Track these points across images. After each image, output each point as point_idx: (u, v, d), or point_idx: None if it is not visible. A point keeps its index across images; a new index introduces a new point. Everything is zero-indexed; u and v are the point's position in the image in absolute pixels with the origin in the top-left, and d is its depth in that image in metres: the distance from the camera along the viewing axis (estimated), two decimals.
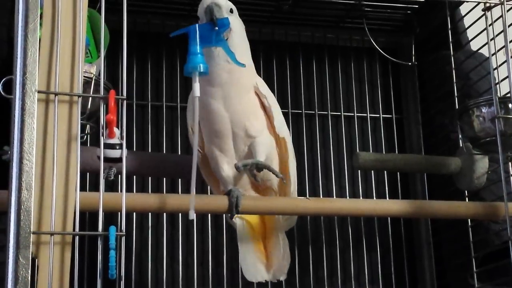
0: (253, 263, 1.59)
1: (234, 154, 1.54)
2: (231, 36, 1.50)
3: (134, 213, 1.88)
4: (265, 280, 1.61)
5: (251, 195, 1.58)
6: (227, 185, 1.54)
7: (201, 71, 1.29)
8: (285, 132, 1.58)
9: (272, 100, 1.56)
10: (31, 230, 1.08)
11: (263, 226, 1.63)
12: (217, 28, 1.37)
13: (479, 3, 1.74)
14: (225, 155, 1.55)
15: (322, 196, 2.01)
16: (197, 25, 1.34)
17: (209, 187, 1.77)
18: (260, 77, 1.60)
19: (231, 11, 1.53)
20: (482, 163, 1.83)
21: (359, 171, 2.06)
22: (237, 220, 1.60)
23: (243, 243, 1.61)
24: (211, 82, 1.49)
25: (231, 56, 1.41)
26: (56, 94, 1.18)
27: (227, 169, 1.55)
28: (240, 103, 1.52)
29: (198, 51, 1.31)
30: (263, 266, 1.59)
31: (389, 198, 2.06)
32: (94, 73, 1.55)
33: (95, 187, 1.84)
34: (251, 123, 1.53)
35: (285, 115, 1.80)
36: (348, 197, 2.03)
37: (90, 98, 1.49)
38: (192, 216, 1.32)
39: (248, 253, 1.60)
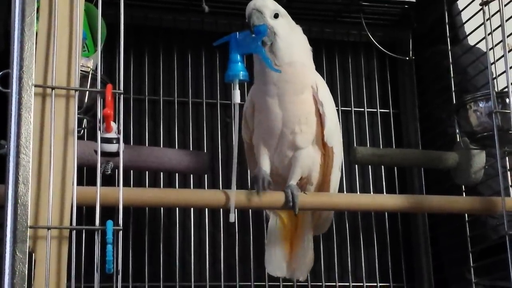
0: (277, 258, 1.63)
1: (274, 152, 1.57)
2: (276, 41, 1.51)
3: (131, 208, 1.88)
4: (284, 277, 1.66)
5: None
6: (258, 174, 1.56)
7: (241, 78, 1.37)
8: (334, 142, 1.59)
9: (327, 108, 1.56)
10: (28, 225, 1.07)
11: (295, 225, 1.66)
12: (254, 35, 1.44)
13: None
14: (268, 149, 1.57)
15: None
16: (237, 33, 1.40)
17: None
18: None
19: (276, 15, 1.53)
20: (479, 158, 1.84)
21: (356, 165, 2.06)
22: (271, 215, 1.65)
23: (272, 237, 1.65)
24: (264, 81, 1.53)
25: (266, 62, 1.45)
26: (53, 88, 1.18)
27: (265, 162, 1.57)
28: (294, 102, 1.53)
29: (239, 58, 1.38)
30: (285, 263, 1.63)
31: (386, 192, 2.06)
32: (91, 67, 1.54)
33: (92, 182, 1.83)
34: (300, 128, 1.54)
35: None
36: (345, 192, 2.03)
37: (87, 92, 1.49)
38: (233, 218, 1.42)
39: (274, 248, 1.64)
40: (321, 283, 1.97)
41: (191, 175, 1.95)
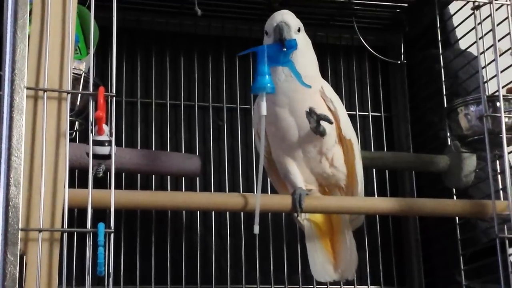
0: (322, 263, 1.63)
1: (302, 157, 1.57)
2: (295, 54, 1.51)
3: (123, 210, 1.88)
4: (334, 280, 1.65)
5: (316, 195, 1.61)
6: (294, 186, 1.56)
7: (268, 91, 1.36)
8: (351, 134, 1.60)
9: (337, 103, 1.58)
10: (20, 227, 1.08)
11: (331, 226, 1.66)
12: (285, 49, 1.43)
13: (468, 2, 1.74)
14: (292, 159, 1.57)
15: None
16: (265, 45, 1.39)
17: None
18: (250, 75, 1.61)
19: (299, 30, 1.54)
20: (470, 161, 1.84)
21: None
22: (305, 222, 1.64)
23: (311, 243, 1.65)
24: (275, 91, 1.51)
25: (297, 78, 1.45)
26: (45, 91, 1.18)
27: (295, 172, 1.57)
28: (304, 107, 1.52)
29: (267, 71, 1.36)
30: (331, 266, 1.63)
31: (377, 195, 2.06)
32: (83, 69, 1.55)
33: (84, 184, 1.83)
34: None
35: None
36: None
37: (79, 95, 1.49)
38: (257, 230, 1.39)
39: (316, 254, 1.64)
40: (312, 286, 1.97)
41: (183, 178, 1.95)
